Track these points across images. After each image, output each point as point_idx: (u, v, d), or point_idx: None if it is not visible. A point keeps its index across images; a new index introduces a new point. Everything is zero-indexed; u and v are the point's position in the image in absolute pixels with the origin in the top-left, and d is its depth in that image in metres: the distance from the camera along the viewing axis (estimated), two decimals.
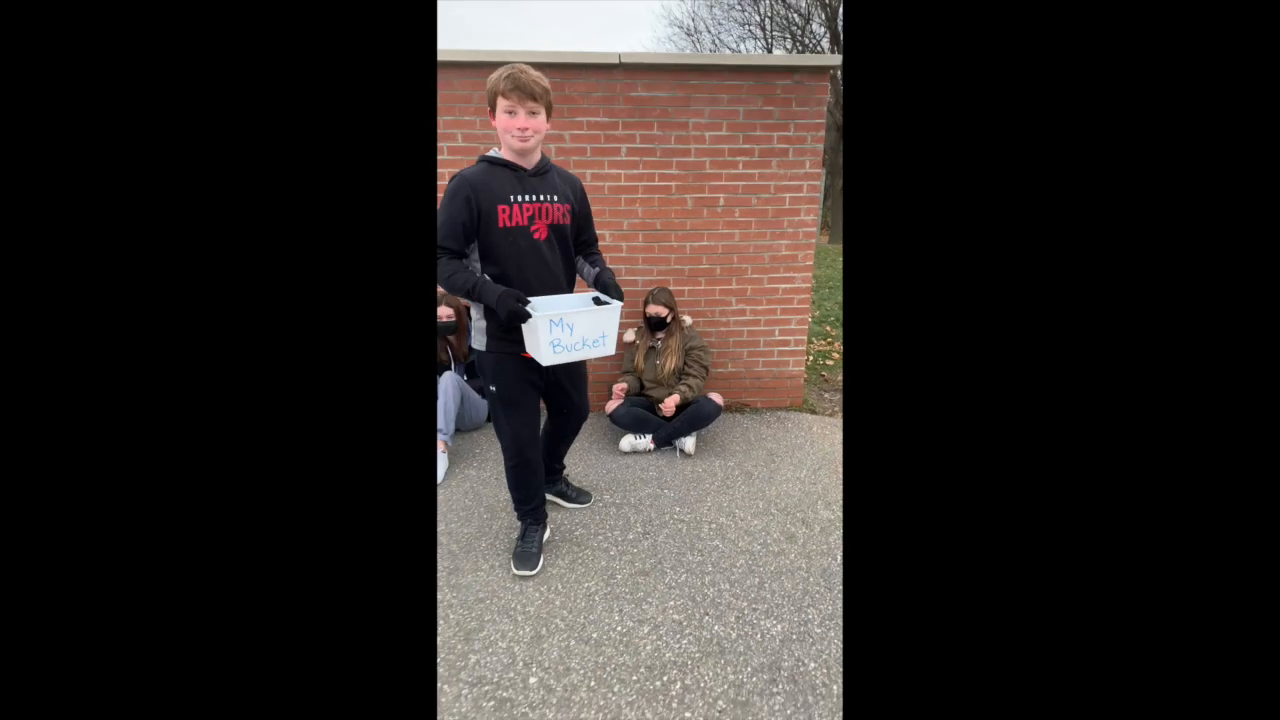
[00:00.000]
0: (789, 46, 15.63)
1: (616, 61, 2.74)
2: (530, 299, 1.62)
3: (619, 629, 1.69)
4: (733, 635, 1.66)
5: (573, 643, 1.63)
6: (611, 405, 2.84)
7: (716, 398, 2.85)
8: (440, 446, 2.60)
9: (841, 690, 1.48)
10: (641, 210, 2.98)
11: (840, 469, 2.63)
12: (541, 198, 1.66)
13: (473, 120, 2.79)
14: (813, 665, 1.56)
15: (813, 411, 3.33)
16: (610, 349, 1.70)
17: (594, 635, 1.66)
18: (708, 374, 2.92)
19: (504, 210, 1.62)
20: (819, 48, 15.12)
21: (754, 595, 1.83)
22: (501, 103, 1.57)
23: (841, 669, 1.55)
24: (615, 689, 1.48)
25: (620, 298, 1.70)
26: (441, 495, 2.41)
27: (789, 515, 2.27)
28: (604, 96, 2.81)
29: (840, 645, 1.63)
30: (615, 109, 2.82)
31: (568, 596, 1.81)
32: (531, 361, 1.75)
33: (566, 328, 1.61)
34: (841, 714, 1.42)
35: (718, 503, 2.36)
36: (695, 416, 2.77)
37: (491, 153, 1.68)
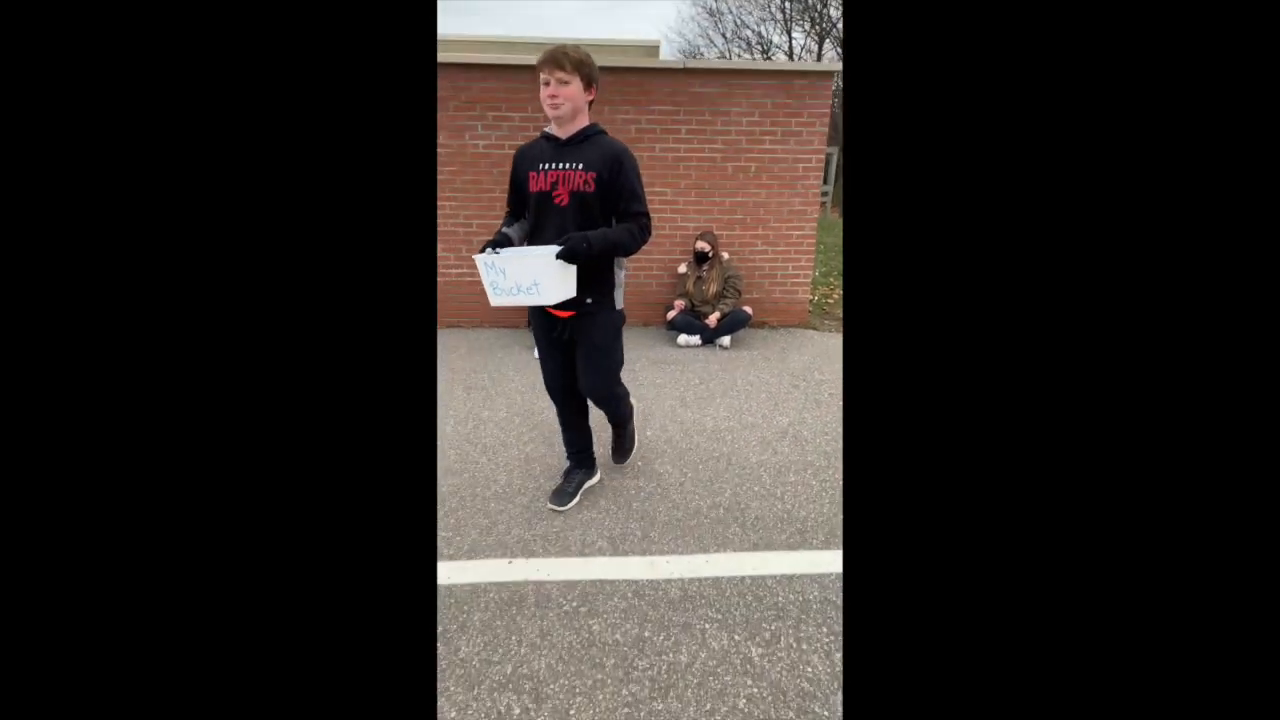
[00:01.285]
0: (807, 28, 16.40)
1: (681, 67, 3.85)
2: (504, 248, 1.73)
3: (692, 418, 2.87)
4: (759, 421, 2.84)
5: (668, 422, 2.81)
6: (671, 315, 3.99)
7: (747, 309, 3.99)
8: None
9: (838, 447, 2.66)
10: (695, 173, 4.10)
11: (833, 358, 3.78)
12: (565, 165, 1.74)
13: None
14: (806, 434, 2.73)
15: (815, 329, 4.48)
16: (546, 299, 1.68)
17: (682, 419, 2.84)
18: (740, 296, 4.05)
19: (533, 176, 1.78)
20: (835, 31, 15.90)
21: (771, 407, 3.00)
22: (540, 78, 1.69)
23: (841, 439, 2.72)
24: (694, 440, 2.66)
25: (562, 254, 1.64)
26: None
27: (795, 376, 3.44)
28: (670, 91, 3.91)
29: (826, 428, 2.80)
30: (679, 100, 3.93)
31: (659, 403, 2.98)
32: (551, 314, 1.87)
33: (500, 271, 1.66)
34: (837, 463, 2.60)
35: (747, 371, 3.53)
36: (732, 322, 3.92)
37: (545, 127, 1.84)
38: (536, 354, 2.11)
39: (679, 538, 1.97)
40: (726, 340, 3.95)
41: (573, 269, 1.69)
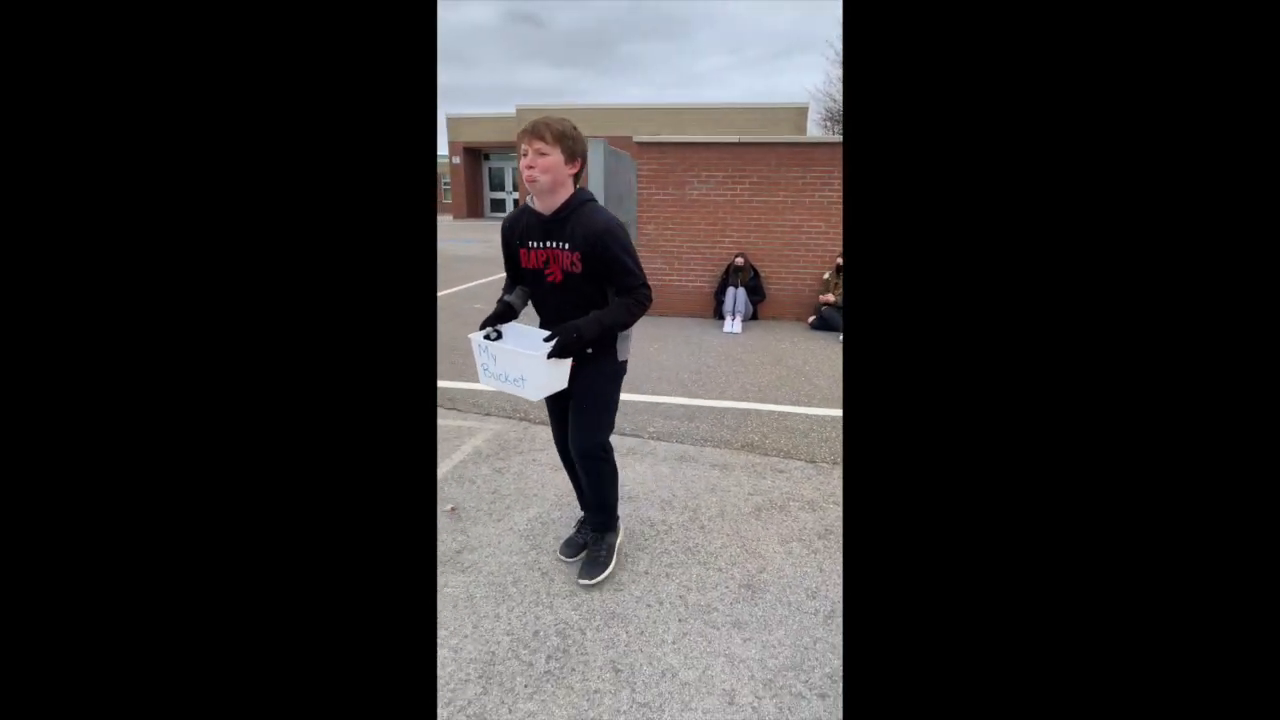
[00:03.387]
0: None
1: (838, 141, 5.64)
2: (503, 325, 1.82)
3: (839, 365, 4.55)
4: None
5: (821, 363, 4.52)
6: (825, 297, 5.70)
7: None
8: None
9: None
10: (837, 210, 5.83)
11: None
12: (552, 244, 1.74)
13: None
14: None
15: None
16: (531, 395, 1.68)
17: (830, 364, 4.54)
18: None
19: (524, 253, 1.80)
20: None
21: None
22: (519, 148, 1.65)
23: None
24: (841, 374, 4.35)
25: (556, 349, 1.62)
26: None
27: None
28: (829, 156, 5.71)
29: None
30: (834, 161, 5.71)
31: (814, 357, 4.69)
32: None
33: (492, 356, 1.71)
34: None
35: None
36: None
37: (528, 198, 1.79)
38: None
39: (831, 405, 3.69)
40: None
41: (566, 362, 1.70)
